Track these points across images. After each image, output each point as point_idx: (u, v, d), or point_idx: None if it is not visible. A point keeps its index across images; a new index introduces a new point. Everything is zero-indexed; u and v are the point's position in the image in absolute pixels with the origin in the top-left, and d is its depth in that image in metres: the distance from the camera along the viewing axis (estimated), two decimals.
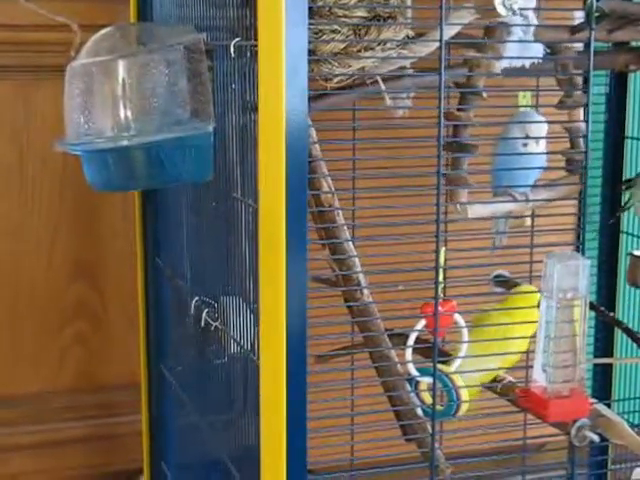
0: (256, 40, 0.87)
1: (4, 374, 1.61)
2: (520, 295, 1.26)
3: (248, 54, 0.97)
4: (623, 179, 1.57)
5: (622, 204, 1.52)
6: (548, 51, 1.16)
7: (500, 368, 1.19)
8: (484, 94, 1.10)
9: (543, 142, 1.21)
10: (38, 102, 1.55)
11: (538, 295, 1.12)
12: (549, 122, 1.21)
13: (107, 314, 1.65)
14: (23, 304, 1.61)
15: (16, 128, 1.56)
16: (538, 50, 1.13)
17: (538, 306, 1.10)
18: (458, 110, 1.09)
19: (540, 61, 1.14)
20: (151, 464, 1.52)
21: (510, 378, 1.18)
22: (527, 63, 1.13)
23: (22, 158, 1.57)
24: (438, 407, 1.09)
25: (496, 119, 1.19)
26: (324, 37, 1.02)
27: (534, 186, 1.19)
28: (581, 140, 1.17)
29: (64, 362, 1.64)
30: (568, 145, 1.20)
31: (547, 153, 1.22)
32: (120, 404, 1.66)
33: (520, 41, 1.10)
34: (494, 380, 1.18)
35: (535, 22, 1.11)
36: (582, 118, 1.17)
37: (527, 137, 1.20)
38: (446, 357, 1.14)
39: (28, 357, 1.62)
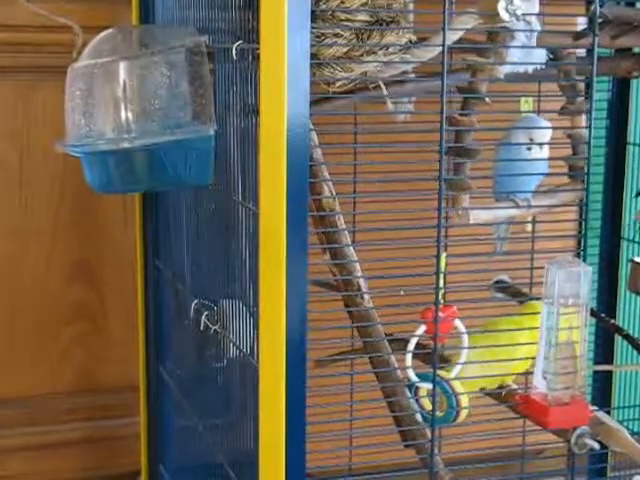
0: (258, 43, 0.87)
1: (2, 375, 1.60)
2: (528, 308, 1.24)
3: (250, 57, 0.96)
4: (625, 185, 1.57)
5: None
6: (551, 57, 1.16)
7: (507, 374, 1.18)
8: (487, 99, 1.10)
9: (546, 147, 1.21)
10: (38, 103, 1.55)
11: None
12: (553, 128, 1.21)
13: (106, 316, 1.65)
14: (22, 305, 1.60)
15: (16, 129, 1.56)
16: (541, 56, 1.13)
17: None
18: (460, 115, 1.09)
19: (543, 67, 1.14)
20: (149, 467, 1.52)
21: (513, 385, 1.18)
22: (530, 69, 1.12)
23: (22, 159, 1.56)
24: (437, 413, 1.09)
25: (499, 124, 1.19)
26: (326, 41, 1.02)
27: (536, 192, 1.19)
28: (584, 146, 1.17)
29: (63, 364, 1.64)
30: (569, 151, 1.19)
31: (550, 159, 1.21)
32: (119, 406, 1.65)
33: (523, 47, 1.10)
34: (500, 387, 1.18)
35: (538, 28, 1.10)
36: (584, 124, 1.17)
37: (531, 142, 1.20)
38: (446, 363, 1.13)
39: (27, 358, 1.61)
